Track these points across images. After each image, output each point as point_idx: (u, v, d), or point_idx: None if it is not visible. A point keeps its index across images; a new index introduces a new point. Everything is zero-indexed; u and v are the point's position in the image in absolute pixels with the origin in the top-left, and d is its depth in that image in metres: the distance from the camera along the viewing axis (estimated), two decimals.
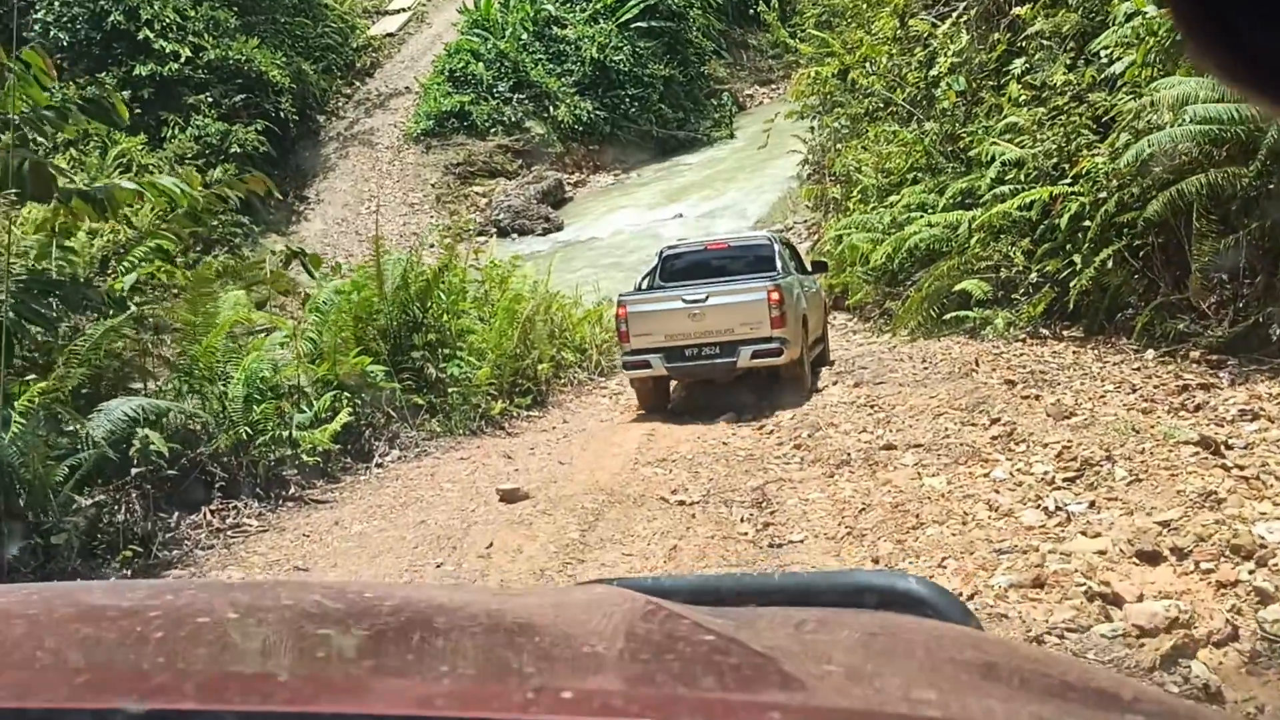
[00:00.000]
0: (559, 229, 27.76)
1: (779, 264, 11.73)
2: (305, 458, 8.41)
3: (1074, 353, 11.51)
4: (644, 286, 12.05)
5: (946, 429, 8.59)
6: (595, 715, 0.81)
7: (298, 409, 8.80)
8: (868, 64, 18.07)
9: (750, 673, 1.07)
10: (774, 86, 35.94)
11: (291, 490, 8.26)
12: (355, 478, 9.01)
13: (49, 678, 0.92)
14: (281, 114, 28.19)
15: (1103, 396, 8.61)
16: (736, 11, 36.36)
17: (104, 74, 26.26)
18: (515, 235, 27.24)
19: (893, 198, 16.61)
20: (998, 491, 6.44)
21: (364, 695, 0.85)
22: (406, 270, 11.03)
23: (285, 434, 8.08)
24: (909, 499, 6.67)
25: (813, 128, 23.63)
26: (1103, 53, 12.77)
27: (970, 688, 1.12)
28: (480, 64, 30.74)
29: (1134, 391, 8.65)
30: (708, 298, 10.78)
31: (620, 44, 31.84)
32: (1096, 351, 11.20)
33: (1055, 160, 13.34)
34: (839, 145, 20.01)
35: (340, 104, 31.97)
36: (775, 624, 1.29)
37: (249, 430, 8.02)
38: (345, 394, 9.86)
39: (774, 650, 1.15)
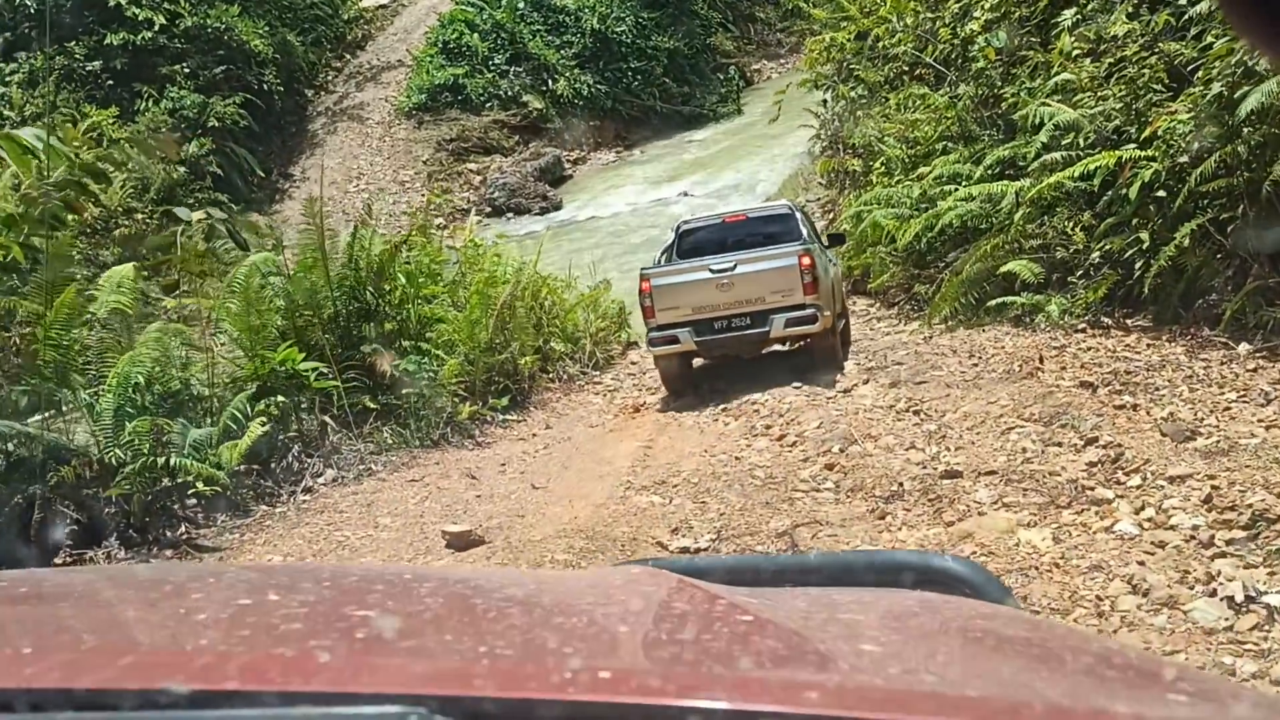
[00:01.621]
0: (557, 208, 25.65)
1: (804, 231, 10.83)
2: (201, 486, 6.36)
3: (1149, 345, 9.43)
4: (662, 263, 11.02)
5: (1024, 450, 6.53)
6: (633, 695, 0.78)
7: (195, 423, 6.76)
8: (895, 20, 15.87)
9: (787, 652, 1.06)
10: (782, 61, 33.74)
11: (180, 531, 6.22)
12: (271, 508, 6.95)
13: (95, 659, 0.87)
14: (265, 87, 26.10)
15: (1227, 409, 6.53)
16: None
17: (74, 43, 24.21)
18: (511, 214, 25.14)
19: (921, 169, 14.48)
20: (1141, 562, 4.35)
21: (403, 675, 0.81)
22: (354, 247, 8.96)
23: (162, 460, 6.00)
24: (1006, 565, 4.61)
25: (825, 100, 21.49)
26: None
27: (1009, 666, 1.08)
28: (475, 35, 28.57)
29: (1269, 402, 6.56)
30: (736, 266, 9.97)
31: (622, 14, 29.63)
32: (1183, 345, 9.11)
33: (1117, 122, 11.24)
34: (858, 114, 17.82)
35: (330, 78, 29.83)
36: (812, 604, 1.26)
37: (120, 454, 5.97)
38: (277, 398, 7.86)
39: (811, 630, 1.15)
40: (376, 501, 7.07)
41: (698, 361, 11.31)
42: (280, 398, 7.93)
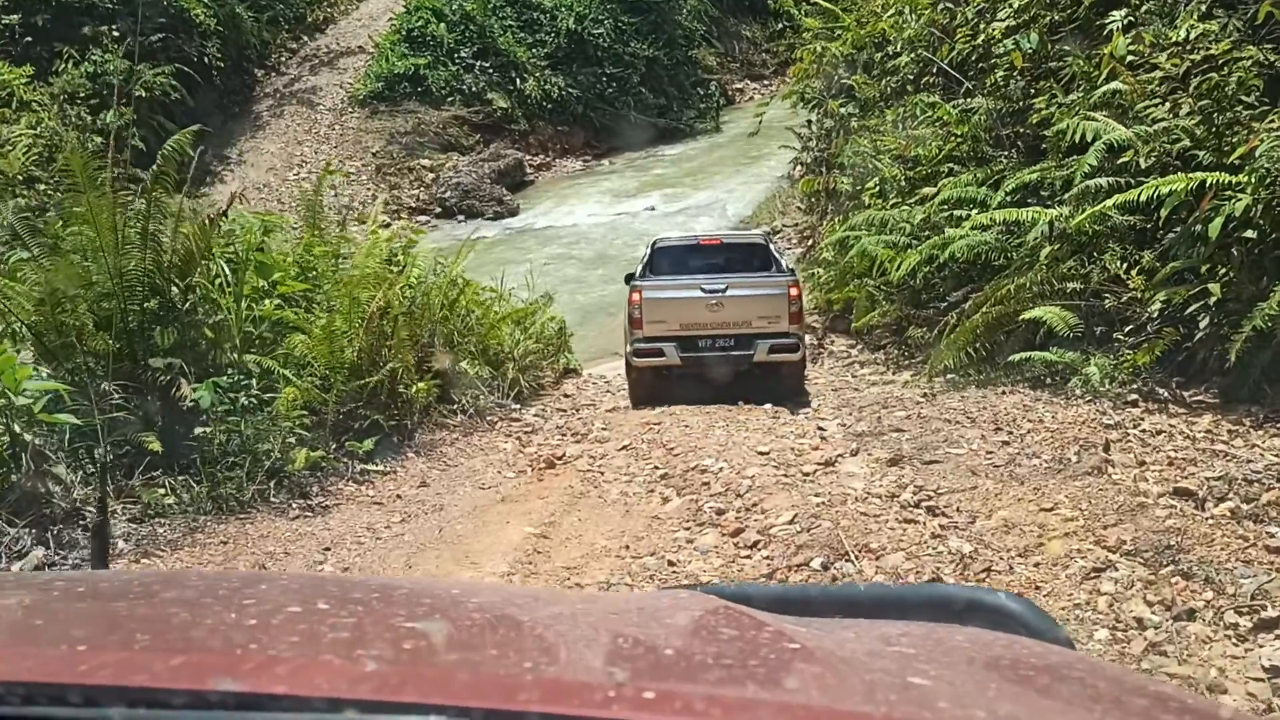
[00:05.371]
0: (513, 213, 22.81)
1: (783, 261, 10.94)
2: None
3: (1231, 431, 6.77)
4: (637, 277, 10.72)
5: (1139, 622, 3.78)
6: (677, 715, 0.75)
7: None
8: (908, 11, 13.18)
9: (834, 681, 1.01)
10: (765, 83, 31.21)
11: None
12: None
13: (148, 657, 0.87)
14: (206, 61, 23.10)
15: None
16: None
17: None
18: (462, 217, 22.26)
19: (926, 189, 11.81)
20: None
21: (449, 687, 0.80)
22: (147, 220, 6.14)
23: None
24: None
25: (810, 120, 18.90)
26: None
27: (1061, 705, 1.02)
28: (442, 25, 25.70)
29: None
30: (727, 289, 9.99)
31: (601, 16, 26.94)
32: None
33: (1185, 142, 8.62)
34: (852, 124, 15.16)
35: (283, 59, 26.87)
36: (860, 635, 1.22)
37: None
38: None
39: (859, 660, 1.09)
40: None
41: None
42: None
